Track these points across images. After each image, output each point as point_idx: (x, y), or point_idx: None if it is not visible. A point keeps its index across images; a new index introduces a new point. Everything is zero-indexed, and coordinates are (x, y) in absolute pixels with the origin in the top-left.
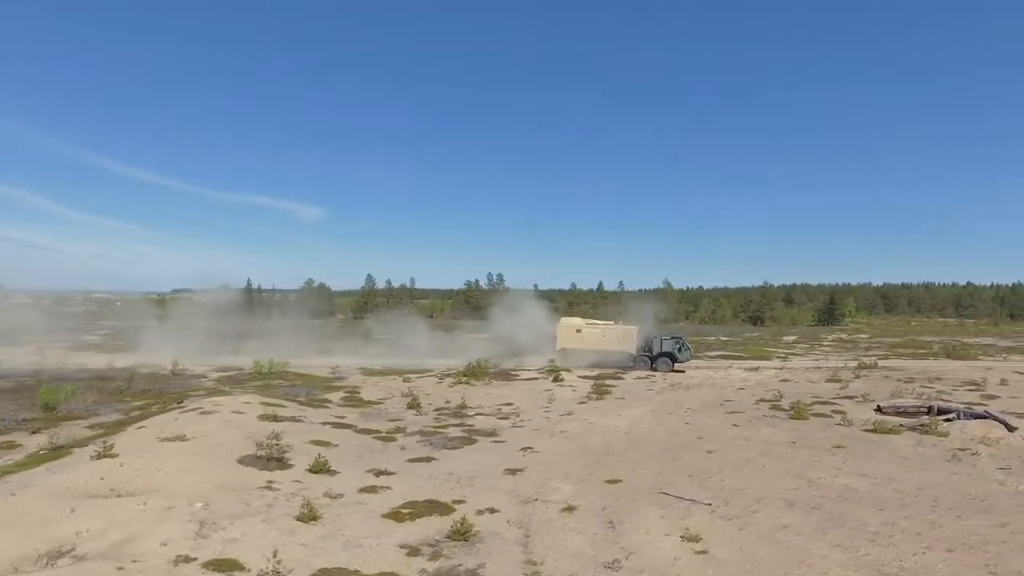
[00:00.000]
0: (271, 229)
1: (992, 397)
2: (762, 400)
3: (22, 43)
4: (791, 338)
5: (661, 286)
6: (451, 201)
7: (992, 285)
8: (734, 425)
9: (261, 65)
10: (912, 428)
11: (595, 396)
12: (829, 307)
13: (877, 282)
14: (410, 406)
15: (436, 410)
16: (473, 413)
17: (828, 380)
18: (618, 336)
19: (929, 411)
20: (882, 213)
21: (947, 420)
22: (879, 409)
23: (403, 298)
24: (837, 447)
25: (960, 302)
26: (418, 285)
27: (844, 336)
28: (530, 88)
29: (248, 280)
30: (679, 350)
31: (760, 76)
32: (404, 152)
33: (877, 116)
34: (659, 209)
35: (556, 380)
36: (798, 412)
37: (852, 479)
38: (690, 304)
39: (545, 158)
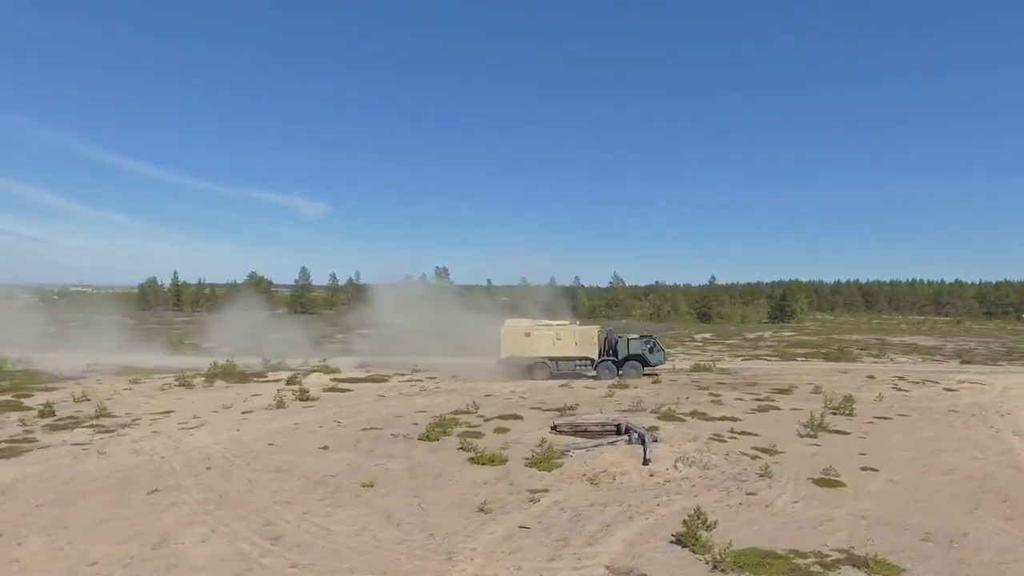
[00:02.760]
0: (275, 225)
1: (774, 408)
2: (458, 411)
3: (26, 39)
4: (705, 335)
5: (612, 282)
6: (452, 198)
7: (980, 282)
8: (323, 448)
9: (265, 62)
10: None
11: (277, 405)
12: (780, 304)
13: (875, 279)
14: (42, 414)
15: (60, 419)
16: (90, 423)
17: (612, 385)
18: (576, 338)
19: (617, 430)
20: (885, 211)
21: (629, 442)
22: (554, 427)
23: (347, 293)
24: (365, 485)
25: (939, 299)
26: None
27: (764, 334)
28: (527, 85)
29: (175, 273)
30: (650, 351)
31: (767, 73)
32: (407, 148)
33: (878, 114)
34: (648, 207)
35: (291, 383)
36: (429, 432)
37: (213, 546)
38: (648, 301)
39: (551, 153)
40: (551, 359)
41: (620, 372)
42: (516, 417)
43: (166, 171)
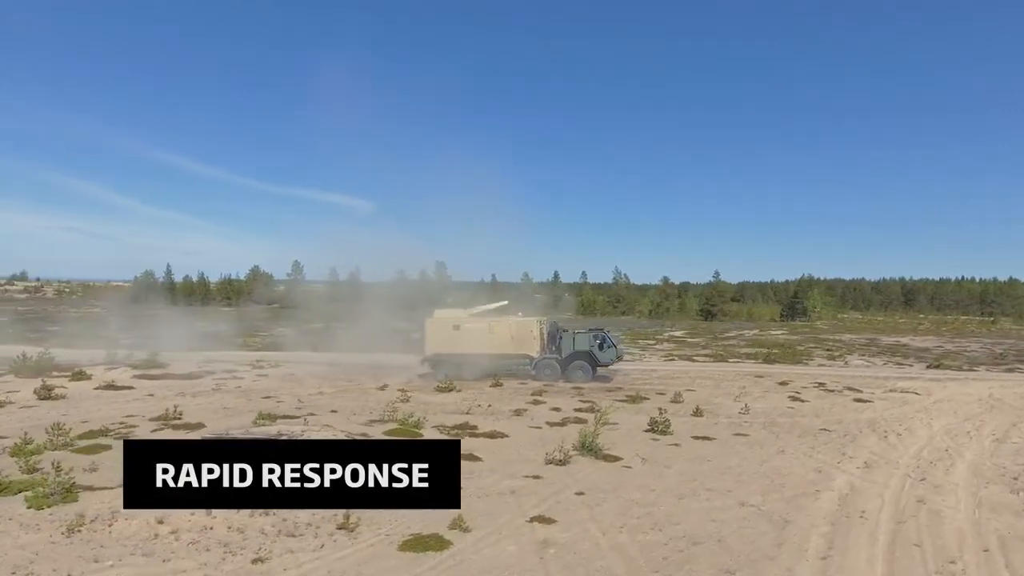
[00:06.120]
0: (325, 222)
1: (581, 422)
2: (159, 417)
3: (94, 43)
4: (675, 333)
5: (615, 277)
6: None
7: None
8: None
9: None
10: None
11: None
12: (792, 301)
13: (924, 277)
14: None
15: None
16: None
17: (439, 387)
18: (512, 332)
19: None
20: (940, 207)
21: None
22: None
23: (343, 288)
24: None
25: (985, 298)
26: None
27: (747, 333)
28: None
29: (168, 266)
30: (600, 348)
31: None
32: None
33: (934, 108)
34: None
35: (75, 378)
36: (18, 450)
37: None
38: (648, 297)
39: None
40: (484, 357)
41: (565, 373)
42: (200, 426)
43: (222, 171)
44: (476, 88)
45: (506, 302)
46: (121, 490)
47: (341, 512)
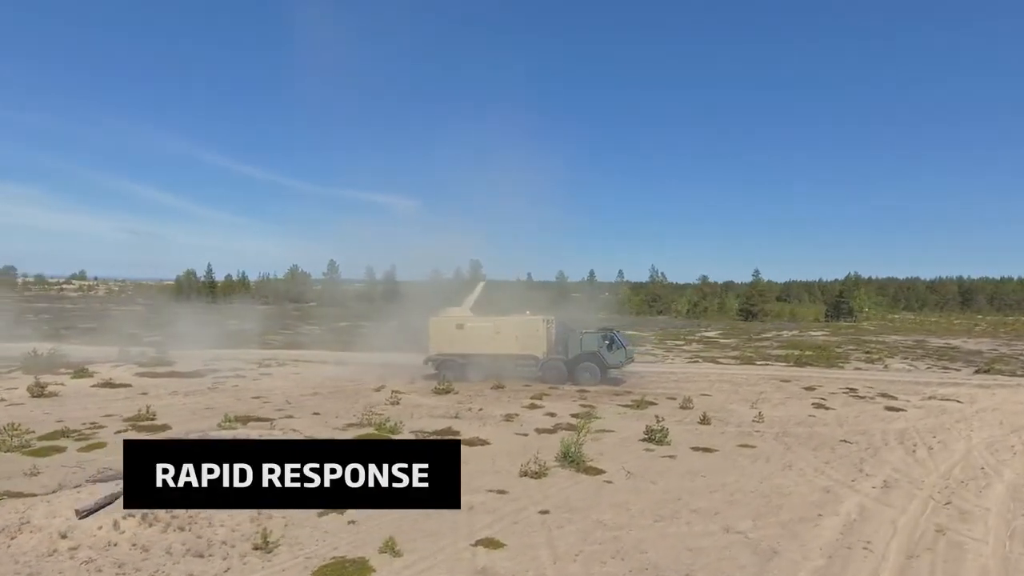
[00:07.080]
0: (369, 223)
1: (571, 428)
2: (132, 417)
3: (150, 48)
4: (708, 333)
5: (652, 276)
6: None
7: None
8: None
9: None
10: None
11: None
12: (837, 300)
13: (983, 276)
14: None
15: None
16: None
17: (438, 388)
18: (517, 332)
19: None
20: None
21: None
22: None
23: (382, 287)
24: None
25: None
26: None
27: (784, 334)
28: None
29: (209, 265)
30: (609, 348)
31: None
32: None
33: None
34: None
35: (77, 376)
36: None
37: None
38: (685, 297)
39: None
40: (488, 357)
41: (571, 374)
42: (166, 427)
43: (272, 173)
44: (502, 89)
45: (483, 282)
46: (42, 498)
47: (261, 530)
